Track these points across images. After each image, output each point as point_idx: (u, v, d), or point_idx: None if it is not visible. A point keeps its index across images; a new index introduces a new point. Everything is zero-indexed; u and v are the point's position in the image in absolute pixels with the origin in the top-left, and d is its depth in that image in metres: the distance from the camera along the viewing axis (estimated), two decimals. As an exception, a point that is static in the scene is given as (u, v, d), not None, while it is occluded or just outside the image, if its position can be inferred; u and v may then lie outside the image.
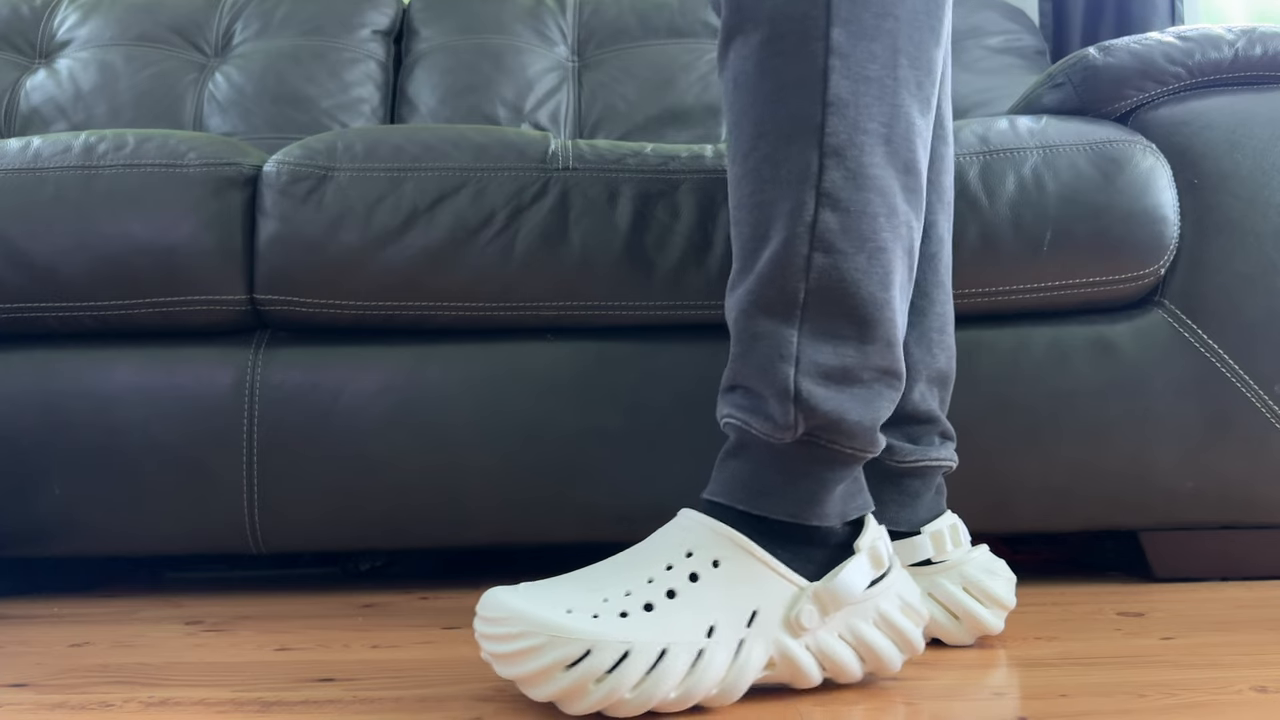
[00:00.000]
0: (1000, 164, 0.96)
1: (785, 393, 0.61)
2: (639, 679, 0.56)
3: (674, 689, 0.57)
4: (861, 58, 0.60)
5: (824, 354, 0.61)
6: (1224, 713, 0.56)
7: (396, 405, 0.97)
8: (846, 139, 0.60)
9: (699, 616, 0.58)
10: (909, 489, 0.77)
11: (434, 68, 1.66)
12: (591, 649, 0.56)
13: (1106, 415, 0.96)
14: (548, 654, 0.56)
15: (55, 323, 0.99)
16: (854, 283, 0.61)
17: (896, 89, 0.61)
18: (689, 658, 0.57)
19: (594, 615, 0.57)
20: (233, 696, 0.64)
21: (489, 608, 0.58)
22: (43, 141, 1.00)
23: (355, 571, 1.21)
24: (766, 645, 0.59)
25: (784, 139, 0.61)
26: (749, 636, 0.59)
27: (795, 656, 0.60)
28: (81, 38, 1.68)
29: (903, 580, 0.64)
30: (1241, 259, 0.97)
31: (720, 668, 0.58)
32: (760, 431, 0.62)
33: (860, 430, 0.62)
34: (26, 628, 0.88)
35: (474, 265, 0.96)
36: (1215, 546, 0.98)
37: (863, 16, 0.60)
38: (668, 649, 0.57)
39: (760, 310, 0.62)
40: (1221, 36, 1.01)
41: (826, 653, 0.61)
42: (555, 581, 0.61)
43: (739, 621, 0.59)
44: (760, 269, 0.62)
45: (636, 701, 0.56)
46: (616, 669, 0.56)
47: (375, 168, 0.97)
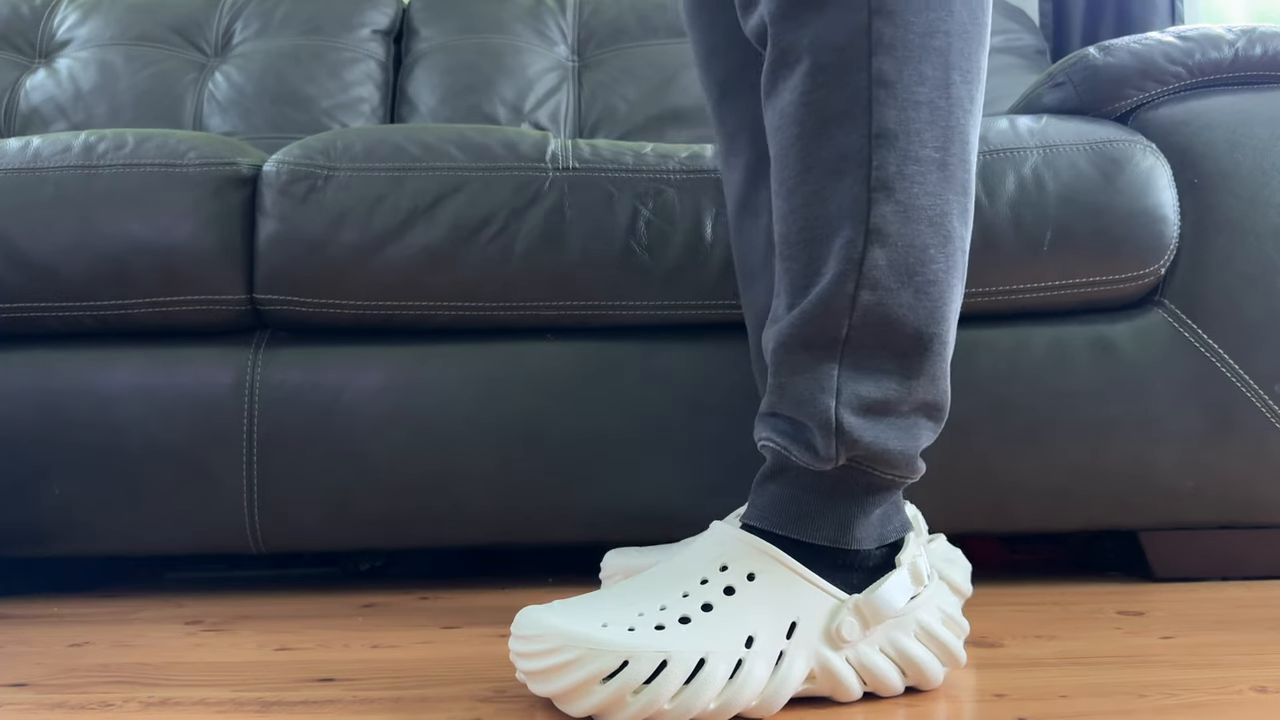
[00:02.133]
0: (1000, 163, 0.96)
1: (827, 425, 0.60)
2: (677, 689, 0.55)
3: (713, 699, 0.55)
4: (910, 82, 0.58)
5: (865, 387, 0.60)
6: (1224, 712, 0.56)
7: (396, 405, 0.97)
8: (896, 171, 0.58)
9: (737, 627, 0.57)
10: None
11: (434, 67, 1.66)
12: (629, 660, 0.54)
13: (1106, 415, 0.96)
14: (584, 667, 0.54)
15: (55, 323, 0.99)
16: (899, 319, 0.59)
17: (950, 109, 0.59)
18: (728, 668, 0.56)
19: (630, 628, 0.56)
20: (233, 696, 0.64)
21: (523, 626, 0.57)
22: (42, 141, 1.00)
23: (355, 571, 1.21)
24: (807, 657, 0.58)
25: (831, 174, 0.59)
26: (789, 648, 0.58)
27: (836, 669, 0.59)
28: (81, 37, 1.68)
29: (942, 593, 0.63)
30: (1241, 259, 0.97)
31: (760, 679, 0.57)
32: (801, 459, 0.61)
33: (902, 459, 0.61)
34: (26, 627, 0.88)
35: (474, 265, 0.96)
36: (1215, 546, 0.98)
37: (909, 39, 0.58)
38: (706, 658, 0.56)
39: (801, 345, 0.61)
40: (1221, 36, 1.00)
41: (868, 666, 0.60)
42: (589, 598, 0.60)
43: (779, 633, 0.58)
44: (805, 306, 0.60)
45: (676, 713, 0.55)
46: (654, 679, 0.55)
47: (375, 167, 0.97)
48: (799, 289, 0.61)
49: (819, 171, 0.60)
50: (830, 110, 0.59)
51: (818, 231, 0.60)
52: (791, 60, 0.61)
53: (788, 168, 0.62)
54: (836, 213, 0.59)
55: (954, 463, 0.96)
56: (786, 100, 0.61)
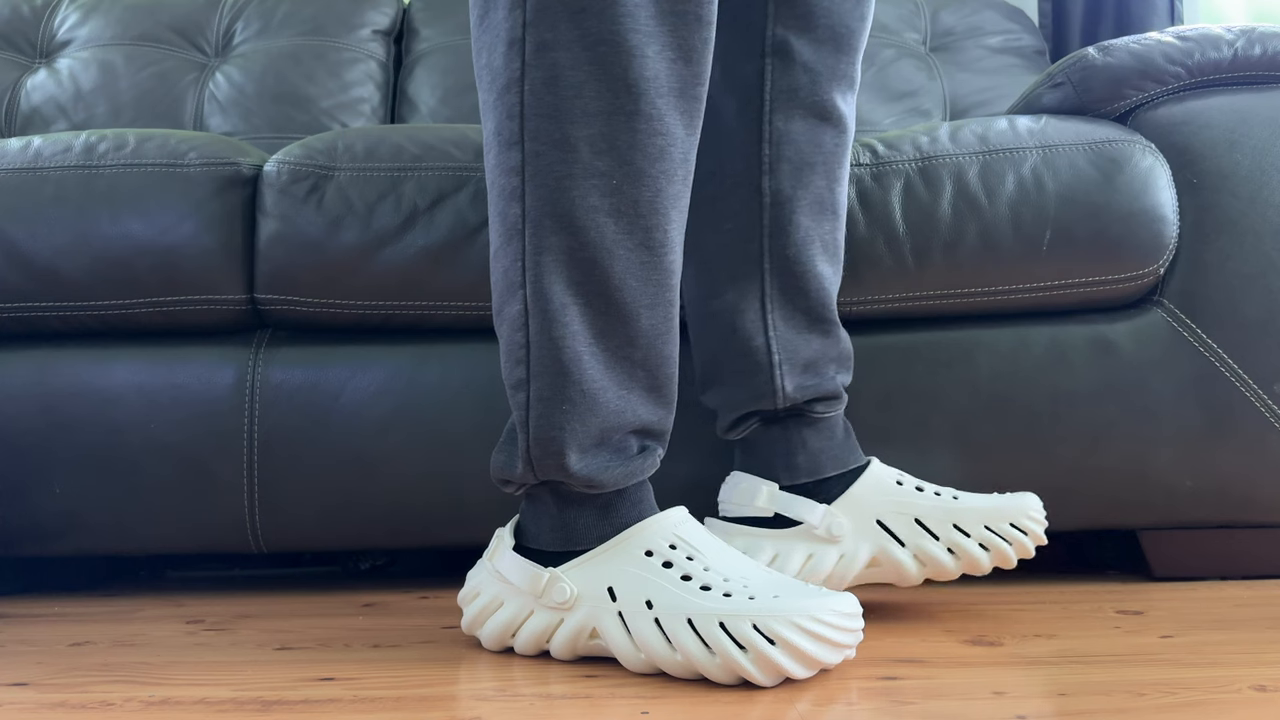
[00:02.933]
0: (1000, 164, 0.96)
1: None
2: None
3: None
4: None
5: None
6: (1223, 711, 0.56)
7: (396, 405, 0.97)
8: None
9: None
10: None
11: (434, 67, 1.66)
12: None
13: (1106, 415, 0.96)
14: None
15: (56, 322, 0.99)
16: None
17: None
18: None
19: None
20: (233, 696, 0.64)
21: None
22: (43, 141, 1.01)
23: (356, 571, 1.21)
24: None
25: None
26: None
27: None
28: (82, 37, 1.68)
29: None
30: (1241, 258, 0.97)
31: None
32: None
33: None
34: (27, 627, 0.88)
35: (474, 265, 0.96)
36: (1214, 545, 0.98)
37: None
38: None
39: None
40: (1221, 36, 1.01)
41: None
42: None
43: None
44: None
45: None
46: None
47: (375, 167, 0.97)
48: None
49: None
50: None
51: None
52: None
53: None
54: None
55: (954, 462, 0.96)
56: None
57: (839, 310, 0.97)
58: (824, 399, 0.86)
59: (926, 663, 0.69)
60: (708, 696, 0.62)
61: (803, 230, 0.84)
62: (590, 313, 0.68)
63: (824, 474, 0.85)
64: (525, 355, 0.69)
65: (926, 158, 0.97)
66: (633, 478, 0.71)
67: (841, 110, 0.85)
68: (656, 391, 0.71)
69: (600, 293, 0.68)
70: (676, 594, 0.65)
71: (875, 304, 0.97)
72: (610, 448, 0.70)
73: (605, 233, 0.67)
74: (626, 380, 0.70)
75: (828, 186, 0.85)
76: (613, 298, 0.68)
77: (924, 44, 1.74)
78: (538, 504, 0.73)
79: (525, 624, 0.71)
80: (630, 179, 0.66)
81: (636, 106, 0.66)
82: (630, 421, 0.70)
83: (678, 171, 0.68)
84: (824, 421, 0.86)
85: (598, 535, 0.70)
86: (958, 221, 0.95)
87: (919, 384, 0.97)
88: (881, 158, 0.97)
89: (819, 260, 0.85)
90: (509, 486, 0.74)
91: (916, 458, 0.97)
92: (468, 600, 0.76)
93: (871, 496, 0.83)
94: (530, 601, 0.71)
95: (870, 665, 0.69)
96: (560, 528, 0.72)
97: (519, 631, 0.72)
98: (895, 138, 1.00)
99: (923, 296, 0.97)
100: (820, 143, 0.84)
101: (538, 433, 0.69)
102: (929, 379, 0.97)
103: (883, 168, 0.97)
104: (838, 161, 0.85)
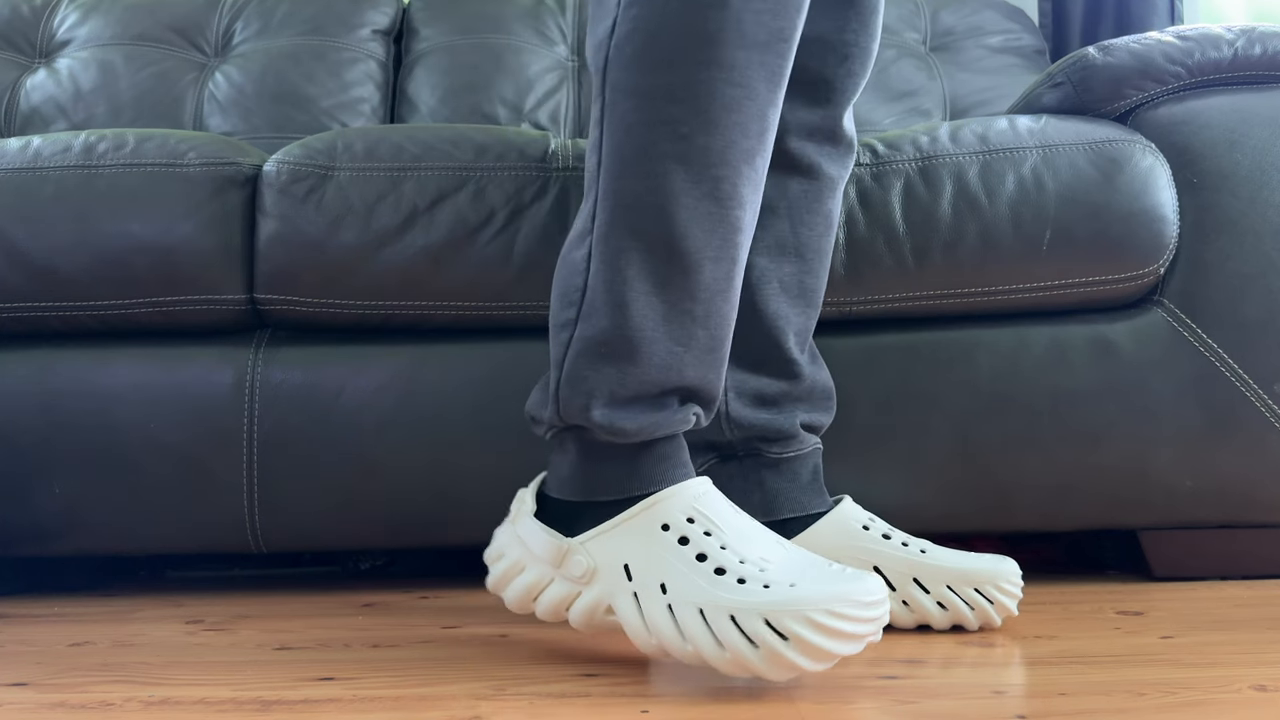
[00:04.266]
0: (1000, 163, 0.96)
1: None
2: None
3: None
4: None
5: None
6: (1223, 711, 0.56)
7: (397, 404, 0.97)
8: None
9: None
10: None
11: (434, 67, 1.66)
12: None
13: (1106, 414, 0.96)
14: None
15: (56, 322, 0.99)
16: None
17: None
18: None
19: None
20: (233, 695, 0.64)
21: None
22: (43, 141, 1.01)
23: (355, 570, 1.21)
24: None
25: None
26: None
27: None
28: (81, 37, 1.68)
29: None
30: (1241, 258, 0.97)
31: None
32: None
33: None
34: (27, 626, 0.88)
35: (474, 265, 0.96)
36: (1214, 545, 0.98)
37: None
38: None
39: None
40: (1221, 36, 1.01)
41: None
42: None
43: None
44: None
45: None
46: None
47: (375, 167, 0.97)
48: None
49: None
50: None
51: None
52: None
53: None
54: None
55: (954, 462, 0.96)
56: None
57: (840, 310, 0.97)
58: (780, 439, 0.83)
59: (926, 663, 0.69)
60: (707, 696, 0.62)
61: (757, 269, 0.83)
62: (652, 260, 0.67)
63: (780, 515, 0.83)
64: (579, 298, 0.69)
65: (927, 157, 0.97)
66: (659, 429, 0.69)
67: (813, 160, 0.84)
68: (712, 353, 0.69)
69: (663, 240, 0.66)
70: (690, 578, 0.64)
71: (875, 304, 0.97)
72: (645, 402, 0.69)
73: (673, 179, 0.66)
74: (682, 336, 0.68)
75: (790, 230, 0.84)
76: (675, 246, 0.67)
77: (924, 44, 1.74)
78: (563, 451, 0.72)
79: (545, 591, 0.71)
80: (702, 127, 0.65)
81: (714, 55, 0.65)
82: (676, 380, 0.69)
83: (753, 126, 0.67)
84: (784, 463, 0.84)
85: (619, 488, 0.69)
86: (958, 221, 0.95)
87: (919, 384, 0.97)
88: (881, 157, 0.97)
89: (774, 299, 0.83)
90: (538, 427, 0.73)
91: (916, 458, 0.97)
92: (493, 560, 0.75)
93: (830, 538, 0.81)
94: (549, 570, 0.70)
95: (870, 665, 0.69)
96: (582, 476, 0.70)
97: (539, 598, 0.71)
98: (895, 138, 1.00)
99: (923, 296, 0.97)
100: (785, 189, 0.84)
101: (570, 374, 0.68)
102: (929, 379, 0.97)
103: (883, 167, 0.97)
104: (806, 208, 0.84)
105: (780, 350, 0.84)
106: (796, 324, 0.85)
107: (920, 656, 0.71)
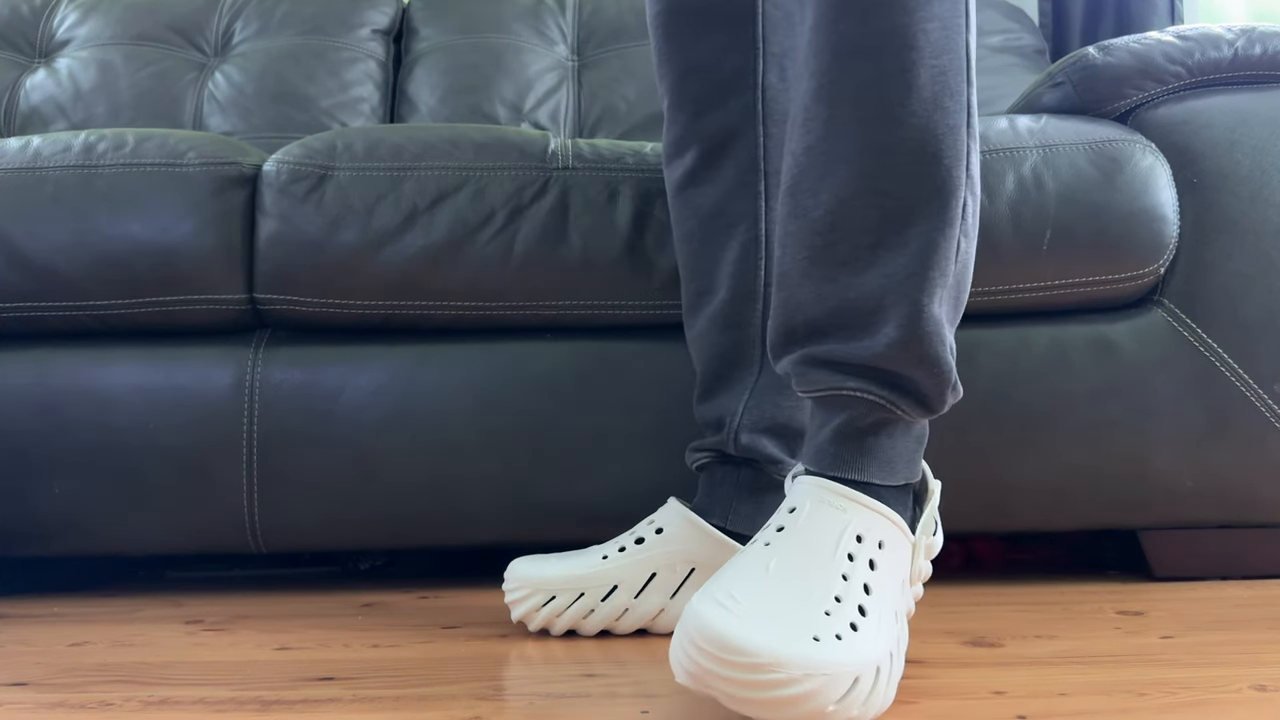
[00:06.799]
0: (1000, 163, 0.96)
1: (950, 378, 0.64)
2: (867, 696, 0.54)
3: (883, 697, 0.56)
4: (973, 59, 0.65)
5: (951, 337, 0.65)
6: (1223, 711, 0.56)
7: (396, 404, 0.97)
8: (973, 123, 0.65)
9: (885, 632, 0.57)
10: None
11: (434, 67, 1.66)
12: (859, 677, 0.53)
13: (1106, 414, 0.96)
14: (821, 696, 0.52)
15: (56, 322, 0.99)
16: (967, 269, 0.65)
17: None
18: (889, 666, 0.57)
19: (836, 636, 0.54)
20: (233, 696, 0.64)
21: (726, 643, 0.52)
22: (42, 141, 1.00)
23: (355, 571, 1.21)
24: (909, 602, 0.64)
25: (942, 124, 0.63)
26: (901, 609, 0.62)
27: (911, 606, 0.65)
28: (81, 37, 1.68)
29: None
30: (1241, 258, 0.97)
31: (899, 672, 0.60)
32: (908, 411, 0.64)
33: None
34: (27, 627, 0.88)
35: (474, 264, 0.96)
36: (1215, 545, 0.98)
37: (972, 24, 0.64)
38: (880, 665, 0.55)
39: (931, 298, 0.62)
40: (1221, 36, 1.01)
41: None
42: (754, 590, 0.56)
43: (903, 609, 0.63)
44: (933, 259, 0.62)
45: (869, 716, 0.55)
46: (857, 688, 0.54)
47: (375, 167, 0.97)
48: (899, 243, 0.62)
49: (929, 134, 0.62)
50: (947, 85, 0.63)
51: (928, 181, 0.62)
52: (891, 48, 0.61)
53: (883, 131, 0.62)
54: (944, 166, 0.62)
55: (954, 462, 0.96)
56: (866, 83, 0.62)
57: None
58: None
59: (926, 663, 0.69)
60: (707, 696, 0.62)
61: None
62: None
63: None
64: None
65: (926, 157, 0.97)
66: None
67: None
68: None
69: None
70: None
71: (875, 304, 0.97)
72: None
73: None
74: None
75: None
76: None
77: (924, 44, 1.73)
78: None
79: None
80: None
81: None
82: None
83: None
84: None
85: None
86: (958, 221, 0.95)
87: (919, 384, 0.97)
88: (881, 157, 0.97)
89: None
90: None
91: (916, 457, 0.97)
92: None
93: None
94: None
95: (870, 665, 0.69)
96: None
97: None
98: (895, 137, 0.99)
99: (923, 296, 0.97)
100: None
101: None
102: (929, 379, 0.97)
103: (883, 167, 0.97)
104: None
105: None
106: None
107: (920, 656, 0.71)
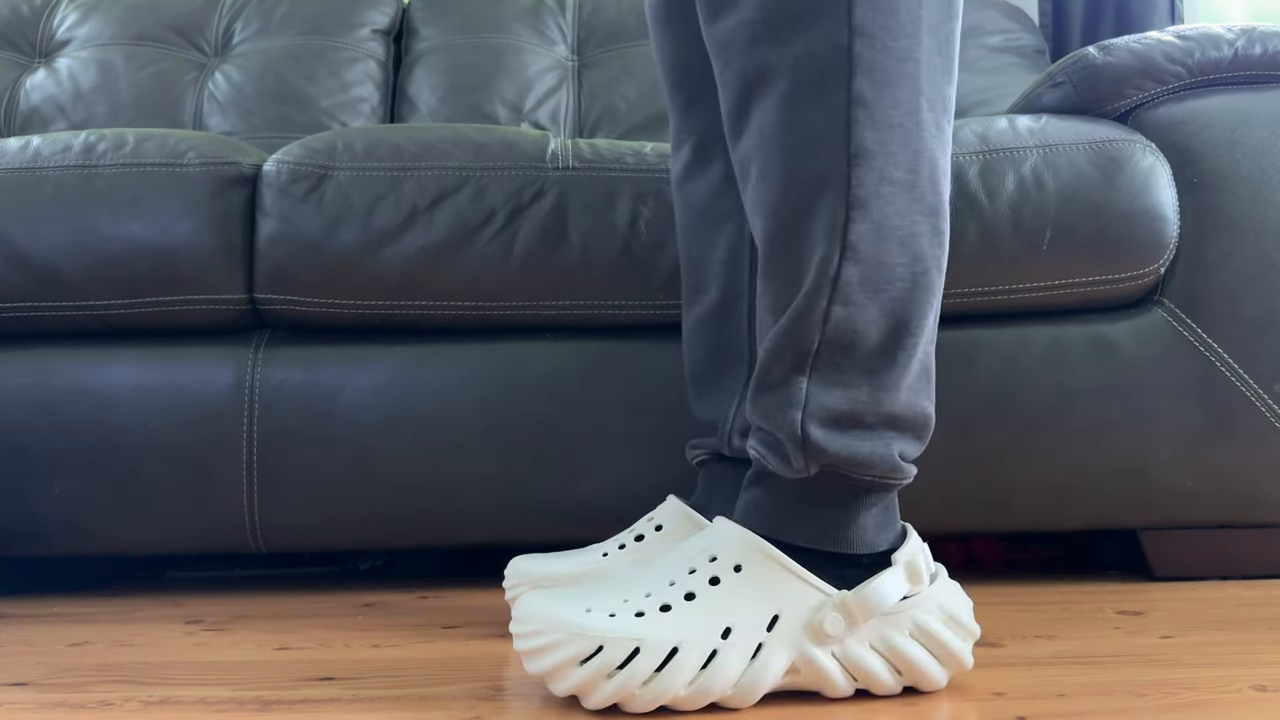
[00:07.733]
0: (1000, 163, 0.96)
1: (795, 437, 0.61)
2: (648, 675, 0.57)
3: (684, 687, 0.58)
4: (885, 105, 0.60)
5: (833, 398, 0.61)
6: (1224, 711, 0.56)
7: (396, 404, 0.97)
8: (872, 190, 0.60)
9: (715, 618, 0.59)
10: None
11: (434, 67, 1.66)
12: (603, 645, 0.57)
13: (1106, 414, 0.96)
14: (563, 650, 0.58)
15: (56, 322, 0.99)
16: (865, 334, 0.61)
17: (920, 133, 0.61)
18: (700, 658, 0.58)
19: (610, 614, 0.59)
20: (233, 696, 0.64)
21: (521, 607, 0.60)
22: (42, 141, 1.00)
23: (355, 571, 1.21)
24: (789, 651, 0.59)
25: (812, 192, 0.61)
26: (769, 640, 0.59)
27: (820, 664, 0.60)
28: (81, 37, 1.68)
29: (948, 593, 0.63)
30: (1241, 258, 0.97)
31: (735, 669, 0.58)
32: (776, 468, 0.63)
33: (880, 463, 0.62)
34: (26, 627, 0.88)
35: (474, 264, 0.96)
36: (1215, 545, 0.98)
37: (885, 63, 0.60)
38: (679, 648, 0.58)
39: (776, 358, 0.62)
40: (1221, 36, 1.01)
41: (855, 662, 0.60)
42: (588, 584, 0.63)
43: (759, 625, 0.59)
44: (783, 321, 0.62)
45: (647, 697, 0.57)
46: (627, 665, 0.57)
47: (375, 167, 0.97)
48: (781, 306, 0.63)
49: (800, 190, 0.61)
50: (812, 130, 0.60)
51: (799, 249, 0.62)
52: (771, 80, 0.62)
53: (771, 187, 0.63)
54: (817, 230, 0.61)
55: (955, 461, 0.96)
56: (767, 120, 0.62)
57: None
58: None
59: (927, 663, 0.69)
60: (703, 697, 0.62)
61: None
62: None
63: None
64: None
65: (926, 157, 0.97)
66: None
67: None
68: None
69: None
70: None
71: (875, 304, 0.97)
72: None
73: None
74: None
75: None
76: None
77: (924, 43, 1.73)
78: None
79: None
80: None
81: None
82: None
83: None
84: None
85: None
86: (958, 221, 0.95)
87: (919, 384, 0.97)
88: (881, 157, 0.97)
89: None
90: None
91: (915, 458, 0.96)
92: None
93: None
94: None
95: (870, 665, 0.68)
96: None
97: None
98: (895, 137, 0.99)
99: (923, 296, 0.97)
100: None
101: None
102: (929, 379, 0.97)
103: (883, 167, 0.97)
104: None
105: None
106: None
107: (920, 656, 0.71)
